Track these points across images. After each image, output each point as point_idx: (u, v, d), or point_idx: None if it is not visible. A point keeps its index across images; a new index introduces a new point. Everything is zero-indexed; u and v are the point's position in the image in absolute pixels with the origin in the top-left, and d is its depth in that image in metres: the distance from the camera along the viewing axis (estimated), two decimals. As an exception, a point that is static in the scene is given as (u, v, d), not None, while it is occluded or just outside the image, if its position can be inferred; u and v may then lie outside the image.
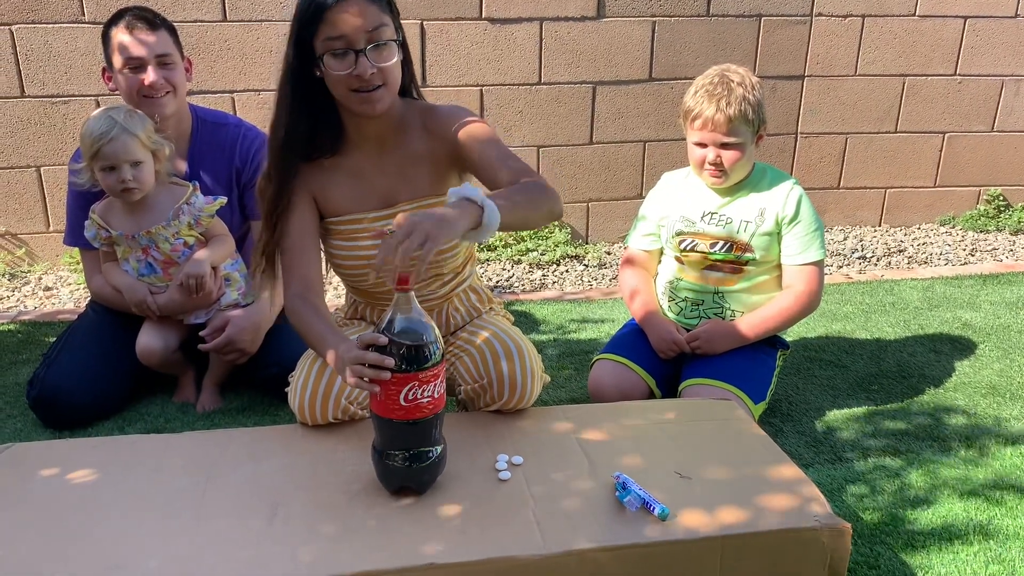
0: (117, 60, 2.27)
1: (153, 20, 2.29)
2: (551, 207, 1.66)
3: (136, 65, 2.26)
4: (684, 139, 2.24)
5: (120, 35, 2.25)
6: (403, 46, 1.73)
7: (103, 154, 2.15)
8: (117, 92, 2.34)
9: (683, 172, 2.36)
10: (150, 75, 2.26)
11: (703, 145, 2.17)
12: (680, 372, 2.25)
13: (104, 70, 2.36)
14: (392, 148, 1.82)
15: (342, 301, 2.61)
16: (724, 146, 2.14)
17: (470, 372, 1.82)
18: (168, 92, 2.30)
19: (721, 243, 2.24)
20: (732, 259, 2.24)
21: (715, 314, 2.28)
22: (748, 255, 2.22)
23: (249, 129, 2.49)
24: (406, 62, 1.78)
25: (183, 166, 2.41)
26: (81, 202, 2.34)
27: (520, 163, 1.74)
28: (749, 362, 2.20)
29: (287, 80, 1.71)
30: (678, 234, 2.29)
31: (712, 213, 2.25)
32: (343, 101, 1.71)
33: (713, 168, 2.17)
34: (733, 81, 2.12)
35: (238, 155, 2.44)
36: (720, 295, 2.27)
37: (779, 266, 2.26)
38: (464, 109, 1.86)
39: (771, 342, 2.30)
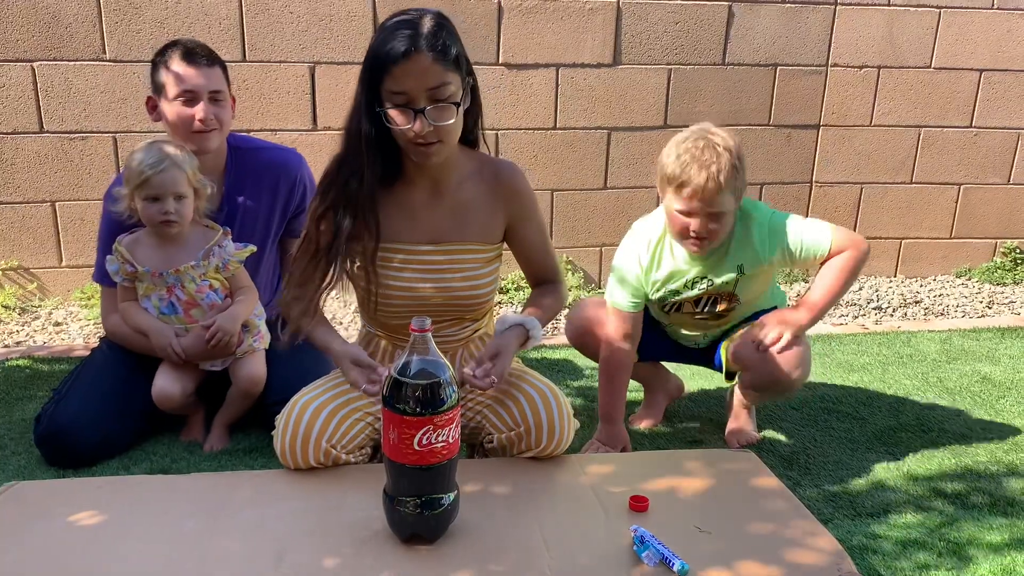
0: (171, 90, 2.25)
1: (210, 55, 2.29)
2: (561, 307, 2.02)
3: (189, 98, 2.24)
4: None
5: (176, 65, 2.24)
6: (474, 91, 1.74)
7: (151, 183, 2.14)
8: (159, 123, 2.33)
9: (655, 226, 2.21)
10: (201, 110, 2.24)
11: (687, 214, 2.03)
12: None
13: (149, 99, 2.34)
14: (446, 190, 1.83)
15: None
16: (711, 215, 2.01)
17: (504, 420, 1.81)
18: (215, 129, 2.29)
19: (705, 299, 2.22)
20: (720, 310, 2.24)
21: (724, 332, 2.31)
22: (734, 303, 2.23)
23: (290, 152, 2.53)
24: (472, 110, 1.77)
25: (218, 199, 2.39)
26: (114, 238, 2.28)
27: (552, 259, 1.98)
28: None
29: (356, 114, 1.72)
30: (660, 300, 2.23)
31: (693, 280, 2.18)
32: (402, 146, 1.73)
33: (695, 238, 2.04)
34: (719, 146, 1.97)
35: (283, 178, 2.47)
36: (720, 327, 2.30)
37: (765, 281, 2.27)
38: (521, 173, 1.90)
39: None
